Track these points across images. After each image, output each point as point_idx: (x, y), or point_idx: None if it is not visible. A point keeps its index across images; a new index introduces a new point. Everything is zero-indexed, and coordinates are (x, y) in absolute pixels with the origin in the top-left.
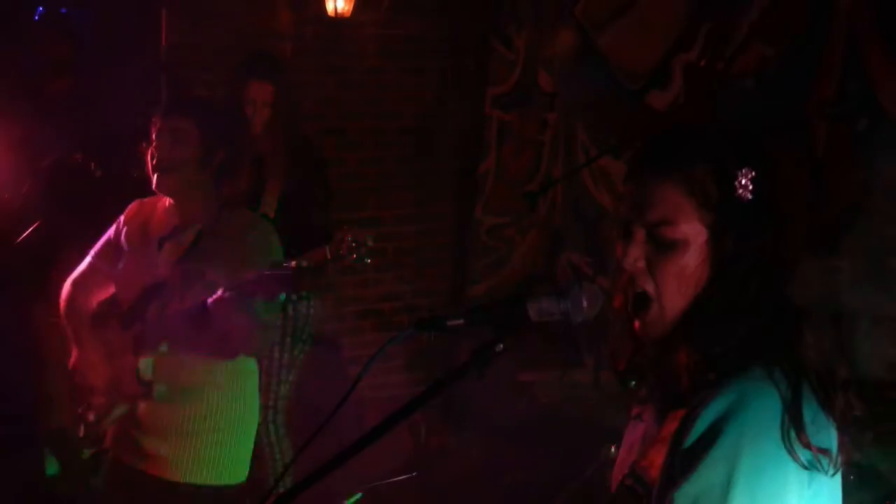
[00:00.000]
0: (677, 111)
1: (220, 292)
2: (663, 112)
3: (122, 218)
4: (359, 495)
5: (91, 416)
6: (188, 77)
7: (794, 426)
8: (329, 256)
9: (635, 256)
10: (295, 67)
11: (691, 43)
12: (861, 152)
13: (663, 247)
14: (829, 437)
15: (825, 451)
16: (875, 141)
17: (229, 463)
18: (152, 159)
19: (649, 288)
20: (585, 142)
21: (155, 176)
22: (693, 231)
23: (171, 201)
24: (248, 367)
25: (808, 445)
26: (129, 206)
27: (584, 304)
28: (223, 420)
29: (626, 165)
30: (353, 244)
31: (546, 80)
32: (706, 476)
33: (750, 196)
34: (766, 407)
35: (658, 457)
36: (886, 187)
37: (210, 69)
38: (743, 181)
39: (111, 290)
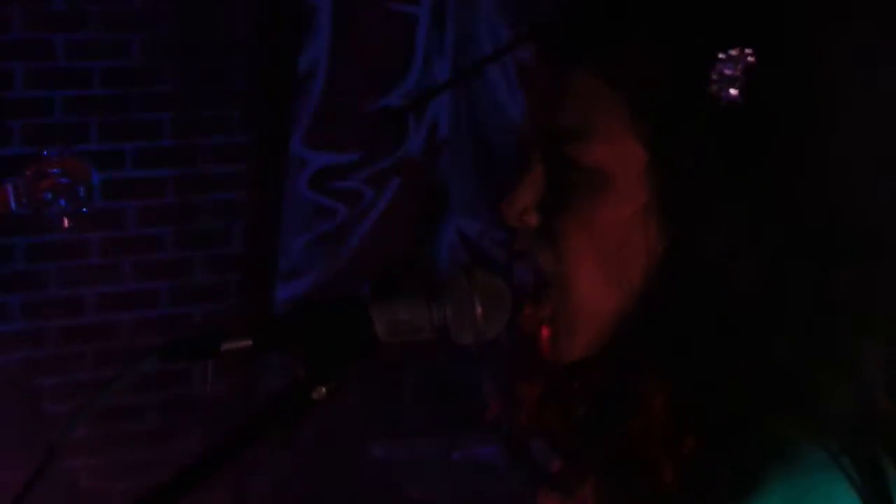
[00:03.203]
0: None
1: None
2: None
3: None
4: None
5: None
6: None
7: None
8: (15, 204)
9: (523, 203)
10: None
11: None
12: None
13: (568, 184)
14: None
15: None
16: None
17: None
18: None
19: (546, 262)
20: (493, 21)
21: None
22: (619, 154)
23: None
24: None
25: None
26: None
27: (478, 309)
28: None
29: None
30: (63, 181)
31: None
32: None
33: (739, 98)
34: None
35: None
36: None
37: None
38: (726, 70)
39: None
